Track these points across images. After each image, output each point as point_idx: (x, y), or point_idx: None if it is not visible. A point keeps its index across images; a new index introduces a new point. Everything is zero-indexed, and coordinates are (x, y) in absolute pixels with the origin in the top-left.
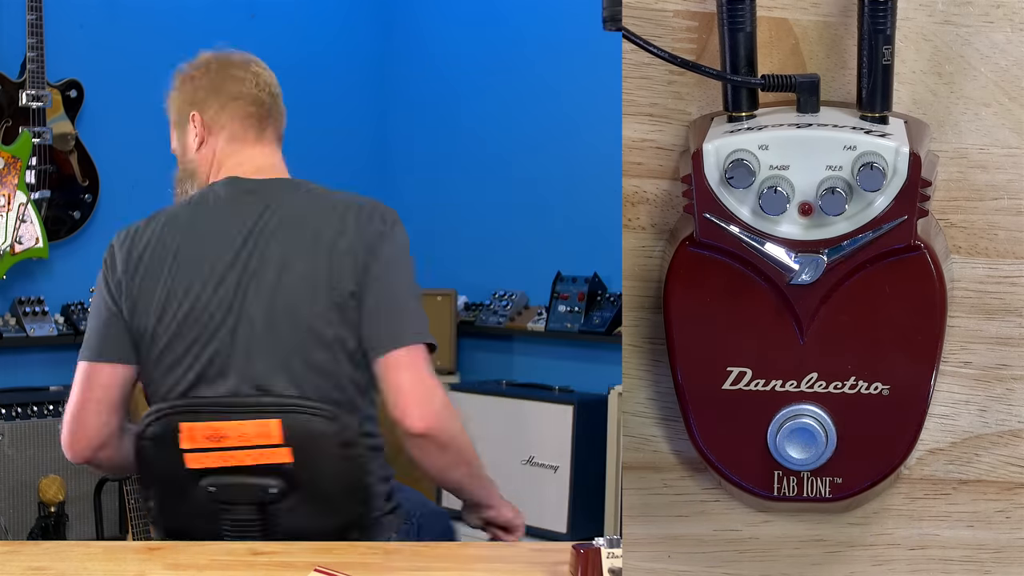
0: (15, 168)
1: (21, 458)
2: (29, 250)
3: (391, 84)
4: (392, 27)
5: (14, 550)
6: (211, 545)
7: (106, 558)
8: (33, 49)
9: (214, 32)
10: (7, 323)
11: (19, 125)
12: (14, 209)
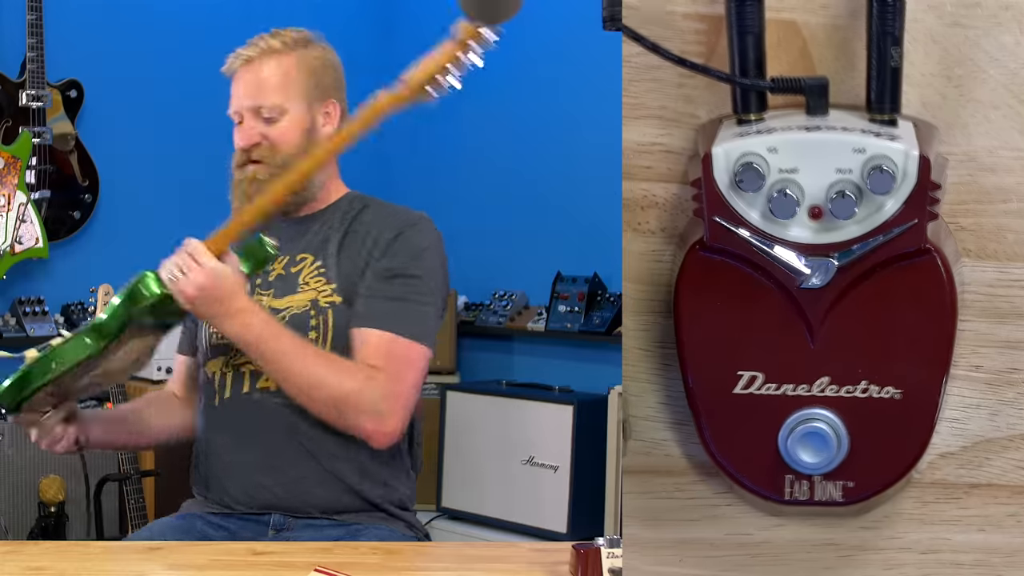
0: (15, 168)
1: (21, 458)
2: (29, 250)
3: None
4: (392, 27)
5: (14, 550)
6: (211, 545)
7: (106, 558)
8: (33, 49)
9: (214, 32)
10: (7, 323)
11: (19, 125)
12: (14, 209)
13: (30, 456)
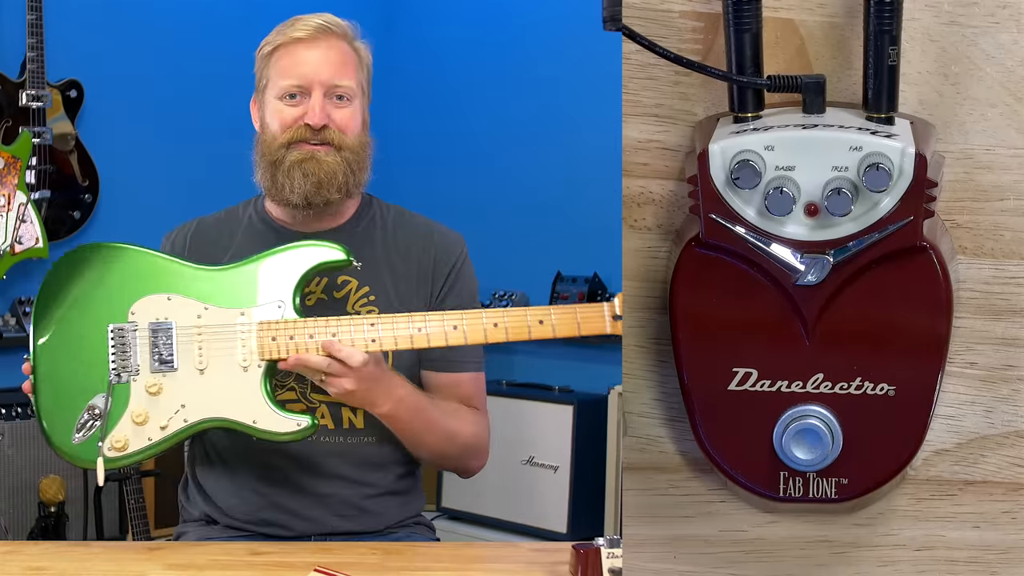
0: (15, 168)
1: (21, 458)
2: (29, 250)
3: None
4: (392, 27)
5: (14, 550)
6: (211, 545)
7: (106, 558)
8: (33, 49)
9: (214, 32)
10: (7, 323)
11: (19, 125)
12: (14, 209)
13: (30, 456)
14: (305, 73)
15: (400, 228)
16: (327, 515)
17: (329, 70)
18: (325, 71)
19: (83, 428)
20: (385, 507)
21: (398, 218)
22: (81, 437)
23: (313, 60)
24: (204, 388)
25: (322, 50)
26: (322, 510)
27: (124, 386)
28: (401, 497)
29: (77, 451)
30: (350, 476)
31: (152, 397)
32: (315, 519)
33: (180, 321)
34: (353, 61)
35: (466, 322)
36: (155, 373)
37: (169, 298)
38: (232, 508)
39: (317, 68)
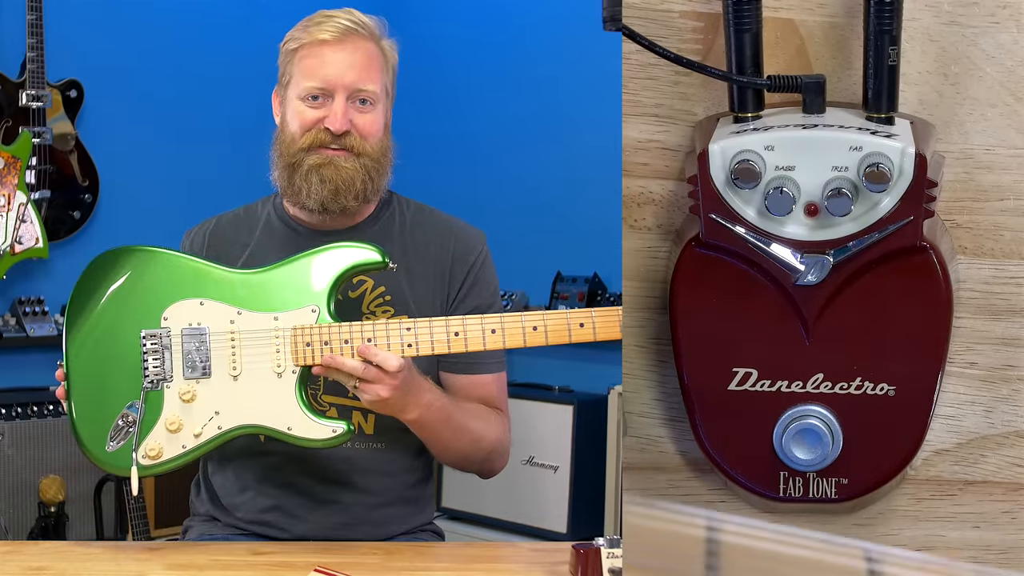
0: (15, 168)
1: (21, 458)
2: (29, 250)
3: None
4: (392, 27)
5: (14, 550)
6: (211, 545)
7: (106, 558)
8: (33, 49)
9: (214, 32)
10: (7, 323)
11: (19, 125)
12: (14, 209)
13: (30, 456)
14: (329, 76)
15: (418, 226)
16: (329, 521)
17: (353, 74)
18: (349, 75)
19: (117, 436)
20: (392, 516)
21: (417, 215)
22: (115, 445)
23: (338, 62)
24: (238, 395)
25: (348, 52)
26: (324, 515)
27: (158, 393)
28: (411, 506)
29: (112, 459)
30: (357, 483)
31: (186, 404)
32: (317, 523)
33: (213, 327)
34: (379, 63)
35: (505, 325)
36: (188, 380)
37: (202, 303)
38: (236, 507)
39: (341, 71)
